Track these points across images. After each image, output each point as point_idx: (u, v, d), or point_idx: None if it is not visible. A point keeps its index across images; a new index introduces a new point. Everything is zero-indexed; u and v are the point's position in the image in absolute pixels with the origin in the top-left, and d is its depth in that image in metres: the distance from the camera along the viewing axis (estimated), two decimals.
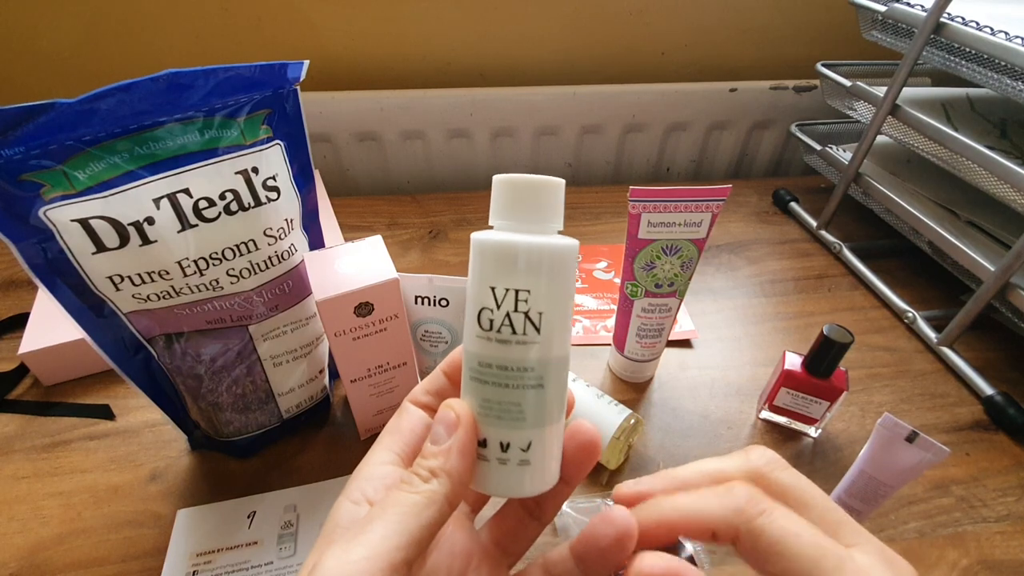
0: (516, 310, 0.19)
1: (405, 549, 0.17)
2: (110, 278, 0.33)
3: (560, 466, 0.21)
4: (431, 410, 0.22)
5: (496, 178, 0.20)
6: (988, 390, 0.51)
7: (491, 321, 0.19)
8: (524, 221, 0.19)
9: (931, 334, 0.57)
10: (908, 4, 0.56)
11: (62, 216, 0.30)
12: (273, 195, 0.37)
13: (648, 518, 0.20)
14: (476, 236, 0.20)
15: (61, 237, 0.31)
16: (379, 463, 0.21)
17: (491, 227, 0.21)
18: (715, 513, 0.19)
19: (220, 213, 0.34)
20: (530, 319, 0.19)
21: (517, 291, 0.19)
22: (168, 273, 0.34)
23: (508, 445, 0.19)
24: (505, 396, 0.19)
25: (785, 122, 0.83)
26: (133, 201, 0.32)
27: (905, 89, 0.58)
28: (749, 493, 0.18)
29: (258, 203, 0.36)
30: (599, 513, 0.21)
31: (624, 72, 0.80)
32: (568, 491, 0.23)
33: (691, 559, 0.38)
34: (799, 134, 0.76)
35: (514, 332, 0.19)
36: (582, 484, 0.42)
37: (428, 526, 0.18)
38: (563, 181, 0.20)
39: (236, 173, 0.35)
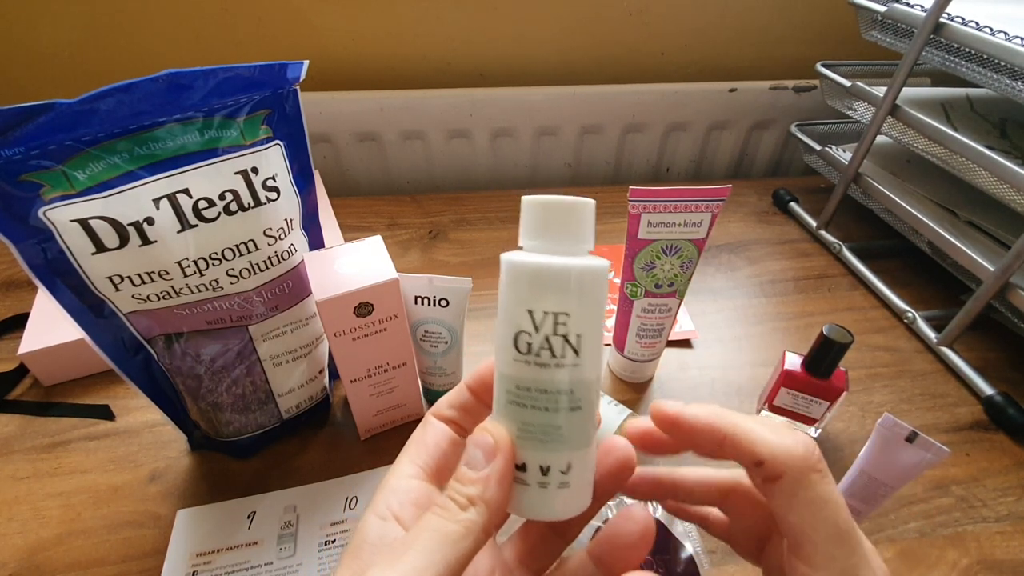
0: (555, 333, 0.19)
1: None
2: (110, 278, 0.33)
3: (593, 484, 0.21)
4: (455, 424, 0.22)
5: (527, 200, 0.20)
6: (988, 390, 0.51)
7: (529, 344, 0.19)
8: (559, 242, 0.19)
9: (931, 334, 0.57)
10: (908, 4, 0.56)
11: (62, 216, 0.30)
12: (273, 195, 0.37)
13: (707, 419, 0.19)
14: (510, 258, 0.19)
15: (61, 237, 0.31)
16: (404, 476, 0.20)
17: (520, 248, 0.20)
18: (776, 442, 0.18)
19: (220, 213, 0.34)
20: (569, 341, 0.19)
21: (556, 314, 0.18)
22: (168, 273, 0.34)
23: (548, 468, 0.19)
24: (545, 419, 0.19)
25: (785, 122, 0.83)
26: (133, 201, 0.32)
27: (905, 89, 0.58)
28: (814, 447, 0.19)
29: (258, 203, 0.36)
30: (620, 512, 0.20)
31: (624, 72, 0.80)
32: (597, 508, 0.22)
33: (691, 559, 0.38)
34: (799, 134, 0.76)
35: (553, 355, 0.19)
36: None
37: (463, 557, 0.17)
38: (594, 202, 0.20)
39: (236, 173, 0.35)
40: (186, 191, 0.33)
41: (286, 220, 0.38)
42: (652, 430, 0.21)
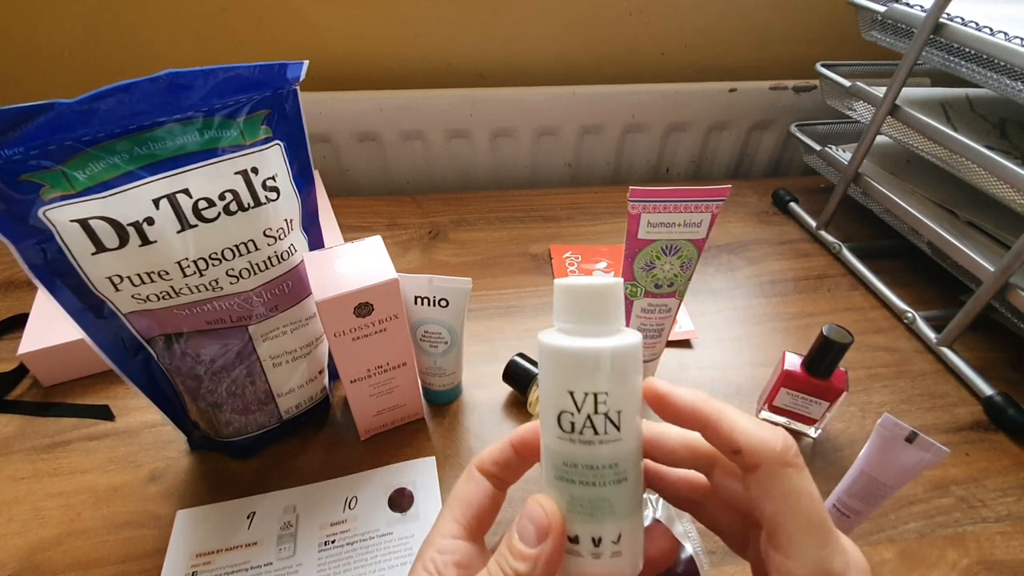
0: (596, 412, 0.19)
1: None
2: (109, 278, 0.33)
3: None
4: (497, 480, 0.23)
5: (559, 284, 0.21)
6: (988, 390, 0.51)
7: (572, 424, 0.20)
8: (593, 324, 0.20)
9: (931, 334, 0.57)
10: (907, 4, 0.56)
11: (61, 216, 0.30)
12: (273, 195, 0.37)
13: (692, 402, 0.20)
14: (548, 341, 0.20)
15: (60, 237, 0.31)
16: (448, 535, 0.21)
17: (553, 327, 0.21)
18: (754, 434, 0.19)
19: (220, 213, 0.34)
20: (610, 419, 0.19)
21: (596, 394, 0.19)
22: (168, 273, 0.34)
23: (600, 539, 0.20)
24: (593, 493, 0.20)
25: (785, 122, 0.83)
26: (132, 201, 0.32)
27: (905, 89, 0.58)
28: (791, 443, 0.19)
29: (258, 203, 0.36)
30: None
31: (624, 72, 0.80)
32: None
33: (691, 559, 0.38)
34: (799, 134, 0.76)
35: (596, 432, 0.19)
36: None
37: None
38: (622, 281, 0.21)
39: (236, 173, 0.35)
40: (186, 191, 0.33)
41: (286, 220, 0.38)
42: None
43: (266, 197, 0.36)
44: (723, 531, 0.23)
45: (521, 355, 0.50)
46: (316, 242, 0.44)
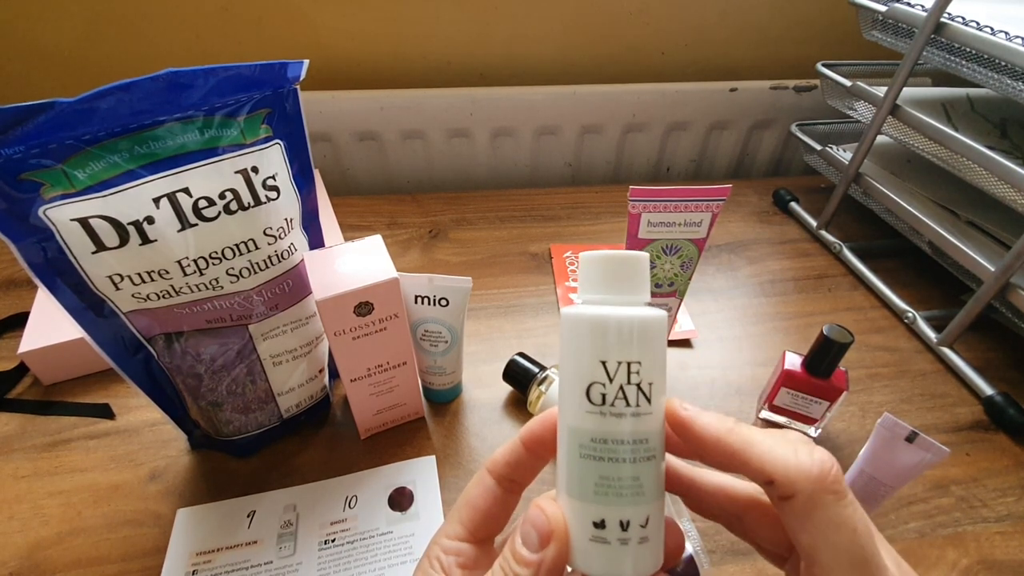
0: (629, 382, 0.19)
1: None
2: (110, 277, 0.33)
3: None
4: (510, 482, 0.22)
5: (587, 256, 0.21)
6: (988, 390, 0.51)
7: (603, 395, 0.19)
8: (622, 294, 0.20)
9: (931, 334, 0.57)
10: (908, 4, 0.56)
11: (62, 215, 0.30)
12: (273, 194, 0.37)
13: (716, 433, 0.19)
14: (576, 312, 0.20)
15: (61, 236, 0.31)
16: (453, 536, 0.22)
17: (578, 302, 0.21)
18: (788, 460, 0.17)
19: (220, 212, 0.34)
20: (642, 390, 0.19)
21: (629, 363, 0.19)
22: (168, 272, 0.34)
23: (628, 523, 0.19)
24: (624, 471, 0.19)
25: (785, 122, 0.83)
26: (133, 200, 0.32)
27: (905, 89, 0.58)
28: (831, 466, 0.18)
29: (258, 202, 0.36)
30: None
31: (624, 72, 0.80)
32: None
33: (691, 559, 0.38)
34: (799, 134, 0.76)
35: (628, 405, 0.19)
36: None
37: None
38: (648, 255, 0.21)
39: (236, 172, 0.35)
40: (186, 190, 0.33)
41: (286, 219, 0.38)
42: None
43: (266, 196, 0.36)
44: (762, 547, 0.22)
45: (521, 354, 0.50)
46: (316, 241, 0.44)
